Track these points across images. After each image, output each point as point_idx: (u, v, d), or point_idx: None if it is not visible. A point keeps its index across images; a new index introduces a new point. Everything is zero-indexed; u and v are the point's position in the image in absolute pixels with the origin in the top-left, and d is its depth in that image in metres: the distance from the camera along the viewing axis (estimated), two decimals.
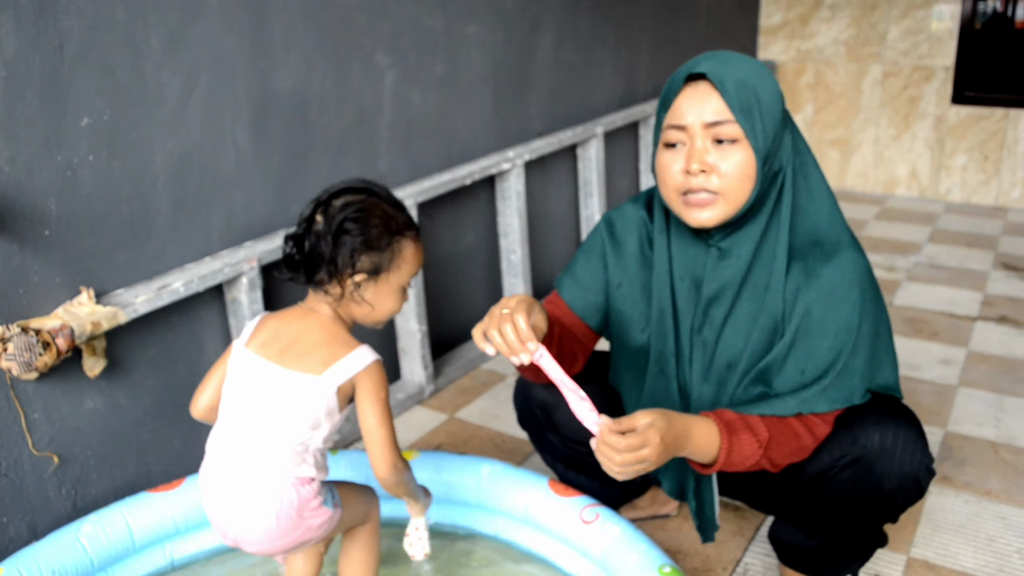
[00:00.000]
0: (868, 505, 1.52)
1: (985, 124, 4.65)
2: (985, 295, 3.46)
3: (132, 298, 1.78)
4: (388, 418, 1.44)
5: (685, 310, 1.60)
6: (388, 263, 1.44)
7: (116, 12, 1.73)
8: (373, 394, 1.42)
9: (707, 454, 1.41)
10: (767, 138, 1.43)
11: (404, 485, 1.49)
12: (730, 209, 1.46)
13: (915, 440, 1.49)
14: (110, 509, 1.70)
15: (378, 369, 1.44)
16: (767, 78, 1.45)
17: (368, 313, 1.47)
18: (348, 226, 1.40)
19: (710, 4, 4.45)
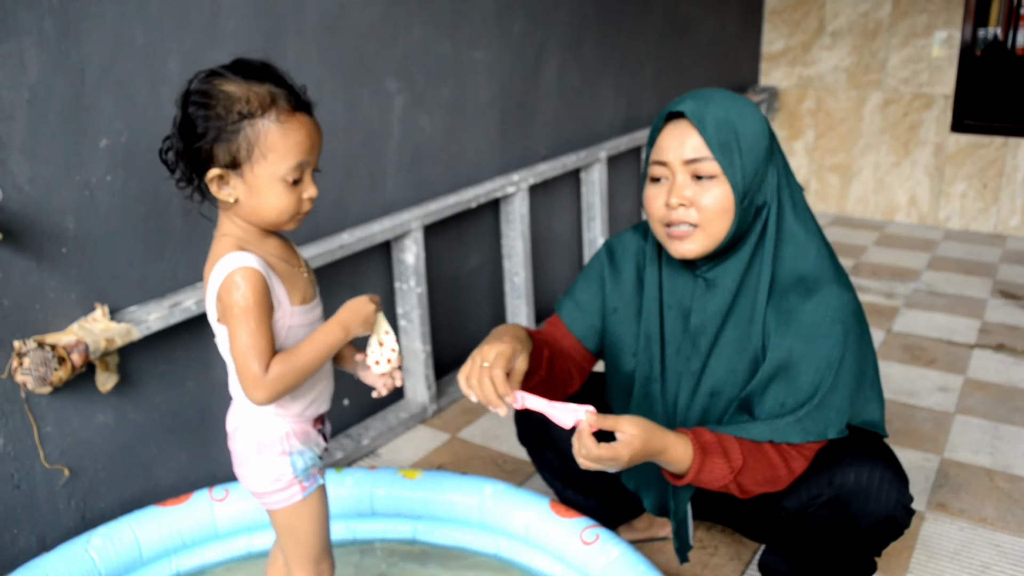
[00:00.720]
0: (846, 542, 1.55)
1: (984, 152, 4.70)
2: (983, 323, 3.49)
3: (145, 315, 1.82)
4: (241, 336, 1.25)
5: (671, 338, 1.65)
6: (246, 152, 1.25)
7: (136, 37, 1.78)
8: (227, 310, 1.27)
9: (678, 468, 1.46)
10: (746, 174, 1.48)
11: (285, 386, 1.30)
12: (710, 242, 1.51)
13: (891, 480, 1.52)
14: (119, 522, 1.73)
15: (231, 279, 1.26)
16: (750, 117, 1.50)
17: (252, 214, 1.30)
18: (192, 113, 1.24)
19: (713, 31, 4.51)
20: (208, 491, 1.82)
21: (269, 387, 1.28)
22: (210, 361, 2.07)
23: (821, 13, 4.98)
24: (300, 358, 1.31)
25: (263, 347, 1.27)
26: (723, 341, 1.58)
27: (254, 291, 1.26)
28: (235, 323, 1.26)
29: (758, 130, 1.50)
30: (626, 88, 3.77)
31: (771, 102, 5.06)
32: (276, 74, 1.29)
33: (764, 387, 1.52)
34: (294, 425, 1.40)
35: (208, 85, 1.25)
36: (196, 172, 1.28)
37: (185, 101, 1.26)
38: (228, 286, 1.26)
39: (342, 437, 2.46)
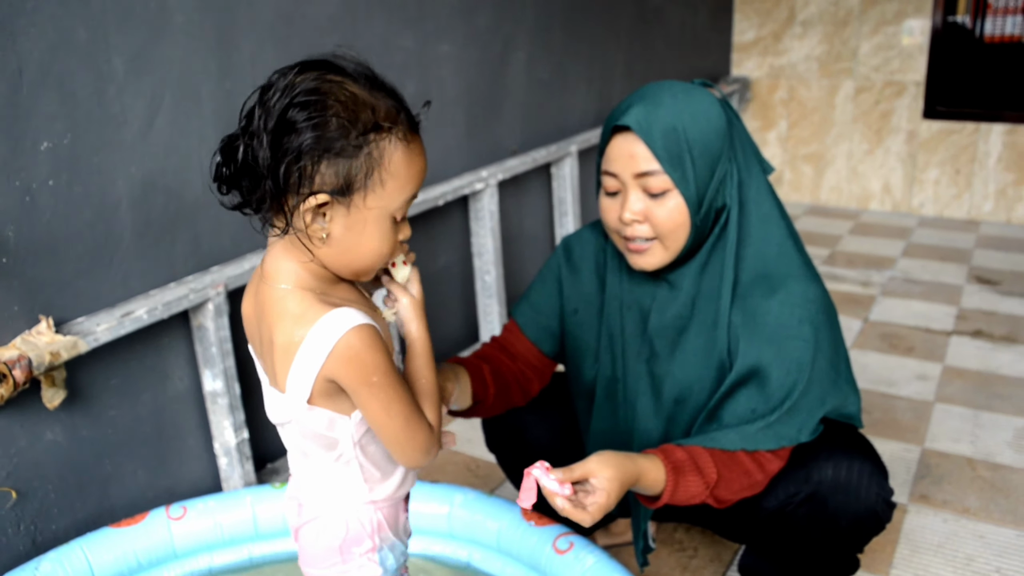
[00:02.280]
0: (827, 540, 1.50)
1: (956, 138, 4.68)
2: (960, 309, 3.46)
3: (93, 326, 1.73)
4: (394, 404, 1.05)
5: (631, 339, 1.59)
6: (363, 176, 0.99)
7: (77, 33, 1.69)
8: (357, 384, 1.02)
9: (652, 491, 1.38)
10: (700, 183, 1.41)
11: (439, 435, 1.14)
12: (668, 255, 1.46)
13: (870, 473, 1.47)
14: (70, 546, 1.64)
15: (350, 345, 1.00)
16: (704, 116, 1.42)
17: (339, 256, 1.03)
18: (293, 116, 0.95)
19: (684, 21, 4.46)
20: (165, 510, 1.74)
21: (438, 437, 1.13)
22: (166, 372, 1.98)
23: (791, 2, 4.94)
24: (431, 388, 1.14)
25: (416, 406, 1.09)
26: (686, 347, 1.52)
27: (383, 350, 1.03)
28: (382, 394, 1.03)
29: (712, 130, 1.42)
30: (597, 80, 3.71)
31: (743, 92, 5.02)
32: (389, 84, 1.05)
33: (733, 393, 1.46)
34: (385, 511, 1.18)
35: (324, 83, 0.98)
36: (282, 195, 0.98)
37: (280, 99, 0.97)
38: (349, 355, 1.00)
39: None
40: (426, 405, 1.12)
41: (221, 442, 2.04)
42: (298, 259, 1.04)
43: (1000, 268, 3.95)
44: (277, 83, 0.98)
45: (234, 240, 2.09)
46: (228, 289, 1.98)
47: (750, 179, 1.49)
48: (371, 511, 1.17)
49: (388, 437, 1.07)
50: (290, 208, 0.99)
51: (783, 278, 1.46)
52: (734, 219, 1.47)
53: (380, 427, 1.07)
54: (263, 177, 0.97)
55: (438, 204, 2.69)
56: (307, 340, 1.01)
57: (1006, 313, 3.41)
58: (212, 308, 1.94)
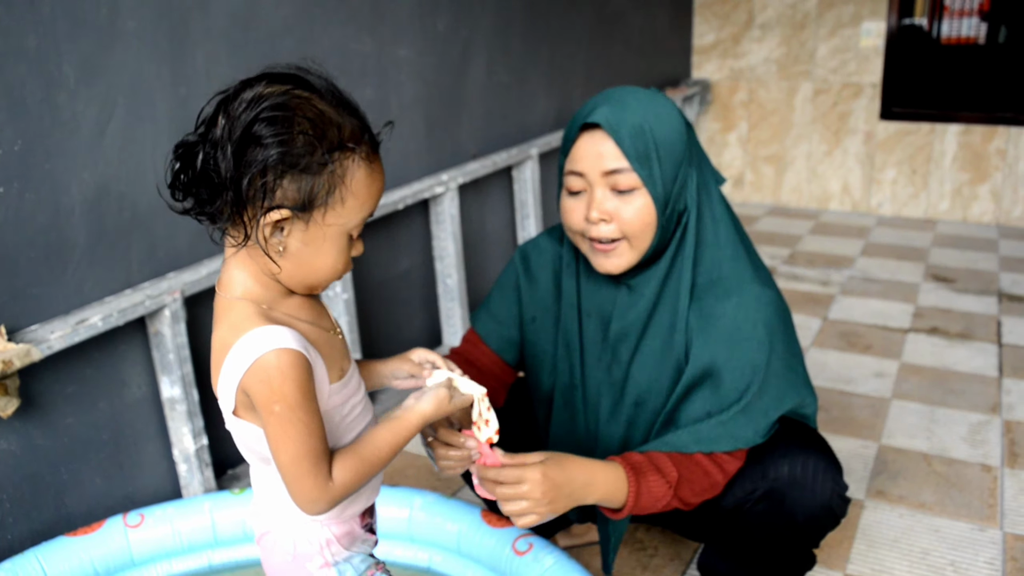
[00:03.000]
0: (784, 535, 1.52)
1: (913, 139, 4.76)
2: (916, 307, 3.52)
3: (47, 334, 1.71)
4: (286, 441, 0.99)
5: (591, 346, 1.59)
6: (324, 194, 0.99)
7: (27, 40, 1.68)
8: (260, 406, 0.99)
9: (616, 499, 1.38)
10: (666, 183, 1.42)
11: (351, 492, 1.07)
12: (635, 255, 1.47)
13: (825, 469, 1.49)
14: (24, 556, 1.62)
15: (265, 365, 0.98)
16: (668, 118, 1.44)
17: (294, 270, 1.03)
18: (259, 131, 0.95)
19: (644, 24, 4.50)
20: (122, 517, 1.73)
21: (334, 496, 1.04)
22: (123, 379, 1.97)
23: (750, 5, 5.00)
24: (369, 460, 1.07)
25: (320, 449, 1.02)
26: (644, 350, 1.53)
27: (297, 381, 0.99)
28: (277, 425, 0.99)
29: (675, 133, 1.44)
30: (557, 83, 3.72)
31: (703, 95, 5.07)
32: (353, 102, 1.05)
33: (688, 395, 1.48)
34: (335, 528, 1.15)
35: (293, 98, 0.97)
36: (242, 207, 0.97)
37: (246, 112, 0.96)
38: (261, 375, 0.98)
39: None
40: (346, 463, 1.05)
41: (180, 449, 2.03)
42: (250, 270, 1.04)
43: (956, 266, 4.02)
44: (243, 94, 0.98)
45: (191, 246, 2.08)
46: (185, 295, 1.96)
47: (704, 185, 1.50)
48: (318, 528, 1.14)
49: (279, 470, 1.03)
50: (249, 220, 0.98)
51: (738, 281, 1.48)
52: (692, 223, 1.48)
53: (273, 457, 1.03)
54: (223, 188, 0.97)
55: (398, 208, 2.69)
56: (233, 350, 1.00)
57: (961, 310, 3.47)
58: (169, 314, 1.93)
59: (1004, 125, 4.55)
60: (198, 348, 2.11)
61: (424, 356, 1.26)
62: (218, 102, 1.00)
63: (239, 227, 1.00)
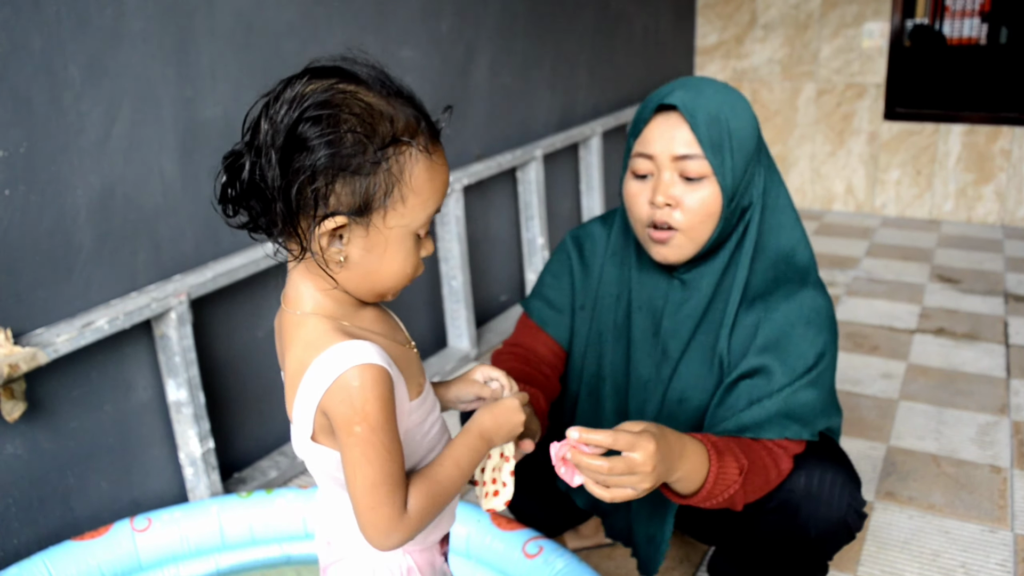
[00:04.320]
0: (796, 547, 1.49)
1: (917, 139, 4.75)
2: (923, 307, 3.51)
3: (53, 337, 1.71)
4: (366, 465, 0.93)
5: (640, 342, 1.56)
6: (382, 195, 0.91)
7: (32, 40, 1.67)
8: (340, 426, 0.93)
9: (695, 478, 1.30)
10: (736, 175, 1.40)
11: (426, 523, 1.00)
12: (692, 247, 1.44)
13: (843, 484, 1.45)
14: (32, 560, 1.61)
15: (349, 382, 0.91)
16: (743, 111, 1.41)
17: (359, 280, 0.96)
18: (304, 133, 0.88)
19: (646, 25, 4.49)
20: (129, 521, 1.72)
21: (410, 528, 0.96)
22: (129, 382, 1.96)
23: (753, 6, 4.99)
24: (444, 484, 1.00)
25: (398, 476, 0.94)
26: (694, 347, 1.51)
27: (382, 400, 0.92)
28: (357, 447, 0.92)
29: (749, 127, 1.42)
30: (560, 85, 3.72)
31: None
32: (407, 89, 0.97)
33: (734, 387, 1.45)
34: (418, 557, 1.08)
35: (337, 94, 0.90)
36: (294, 217, 0.91)
37: (288, 113, 0.89)
38: (342, 394, 0.91)
39: (276, 455, 2.36)
40: (420, 489, 0.98)
41: (186, 452, 2.02)
42: (317, 284, 0.97)
43: (961, 267, 4.01)
44: (284, 94, 0.91)
45: (196, 248, 2.07)
46: (191, 298, 1.95)
47: (772, 184, 1.48)
48: (399, 556, 1.07)
49: (352, 497, 0.96)
50: (304, 231, 0.91)
51: (794, 285, 1.46)
52: (755, 221, 1.46)
53: (347, 483, 0.96)
54: (273, 199, 0.89)
55: None
56: (311, 369, 0.93)
57: (967, 311, 3.46)
58: (175, 317, 1.92)
59: (1008, 125, 4.54)
60: (204, 351, 2.10)
61: (487, 373, 1.20)
62: (263, 105, 0.92)
63: (294, 239, 0.93)
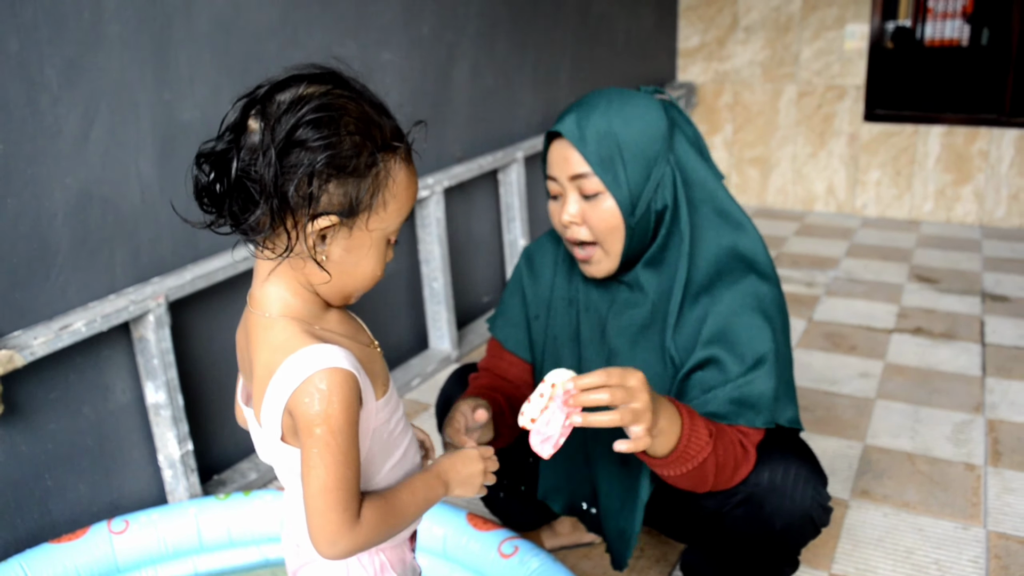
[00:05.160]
0: (762, 542, 1.52)
1: (896, 140, 4.79)
2: (900, 307, 3.54)
3: (30, 340, 1.71)
4: (320, 468, 0.93)
5: (589, 343, 1.60)
6: (369, 197, 0.95)
7: (8, 43, 1.67)
8: (302, 426, 0.94)
9: (669, 436, 1.32)
10: (633, 186, 1.44)
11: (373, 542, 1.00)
12: (611, 260, 1.50)
13: (807, 477, 1.48)
14: (8, 563, 1.61)
15: (314, 384, 0.93)
16: (638, 119, 1.45)
17: (335, 281, 0.98)
18: (304, 134, 0.91)
19: (629, 27, 4.51)
20: (107, 523, 1.72)
21: (357, 541, 0.96)
22: (107, 384, 1.96)
23: (734, 8, 5.02)
24: (398, 509, 1.01)
25: (353, 484, 0.95)
26: (643, 345, 1.54)
27: (345, 403, 0.94)
28: (315, 448, 0.93)
29: (647, 134, 1.45)
30: (542, 87, 3.73)
31: (689, 97, 5.08)
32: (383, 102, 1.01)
33: (689, 378, 1.48)
34: (390, 554, 1.10)
35: (336, 99, 0.93)
36: (285, 216, 0.92)
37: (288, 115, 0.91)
38: (306, 395, 0.93)
39: (255, 457, 2.36)
40: (374, 507, 0.99)
41: (165, 454, 2.02)
42: (289, 284, 0.99)
43: (939, 267, 4.05)
44: (279, 96, 0.93)
45: (174, 251, 2.07)
46: (169, 300, 1.96)
47: (698, 180, 1.50)
48: (372, 553, 1.09)
49: (305, 500, 0.96)
50: (292, 229, 0.93)
51: (737, 274, 1.49)
52: (684, 219, 1.49)
53: (303, 484, 0.96)
54: (268, 196, 0.90)
55: None
56: (280, 371, 0.95)
57: (945, 310, 3.49)
58: (153, 320, 1.92)
59: (987, 126, 4.59)
60: (183, 353, 2.10)
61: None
62: (243, 106, 0.93)
63: (281, 237, 0.94)
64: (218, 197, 0.94)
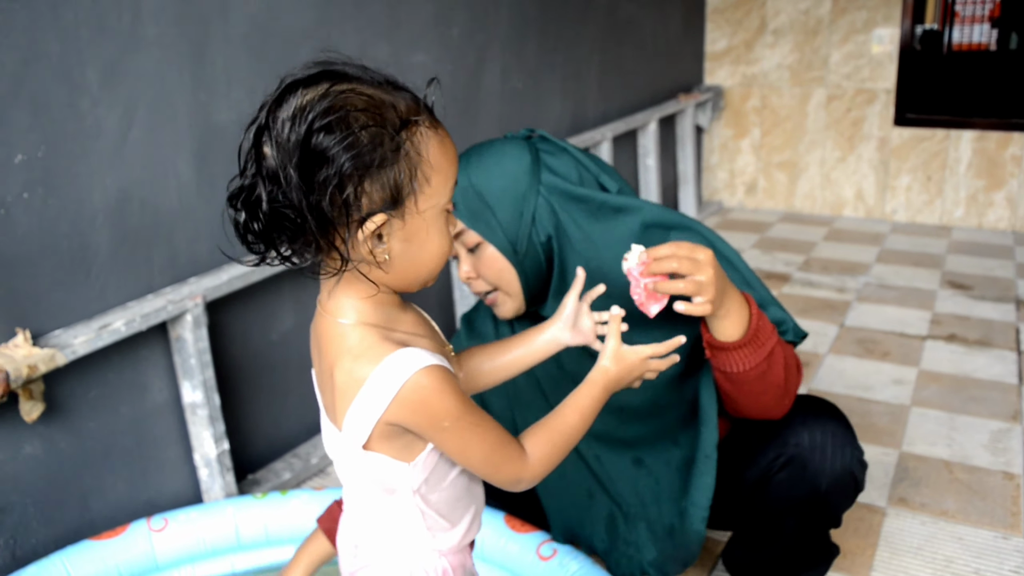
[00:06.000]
0: (808, 505, 1.54)
1: (927, 145, 4.74)
2: (933, 314, 3.50)
3: (71, 339, 1.72)
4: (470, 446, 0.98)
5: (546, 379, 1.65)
6: (408, 180, 0.91)
7: (50, 46, 1.69)
8: (429, 427, 0.95)
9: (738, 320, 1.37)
10: (506, 227, 1.47)
11: (552, 466, 1.06)
12: (514, 300, 1.53)
13: (843, 435, 1.54)
14: (50, 559, 1.62)
15: (417, 389, 0.93)
16: (495, 165, 1.47)
17: (404, 273, 0.96)
18: (318, 144, 0.87)
19: (656, 30, 4.50)
20: (146, 521, 1.73)
21: (535, 470, 1.03)
22: (145, 384, 1.97)
23: (763, 11, 4.99)
24: (565, 432, 1.06)
25: (502, 437, 1.00)
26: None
27: (452, 391, 0.95)
28: (454, 438, 0.96)
29: (507, 175, 1.47)
30: (571, 89, 3.73)
31: (716, 101, 5.06)
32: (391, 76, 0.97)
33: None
34: (452, 559, 1.09)
35: (337, 96, 0.89)
36: (330, 232, 0.89)
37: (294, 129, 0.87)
38: (415, 400, 0.93)
39: (290, 456, 2.37)
40: (537, 437, 1.05)
41: (201, 454, 2.03)
42: (357, 291, 0.96)
43: (972, 273, 4.00)
44: (278, 114, 0.89)
45: (211, 252, 2.08)
46: (206, 300, 1.97)
47: (578, 196, 1.50)
48: (435, 558, 1.09)
49: (471, 470, 1.02)
50: (343, 241, 0.90)
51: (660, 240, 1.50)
52: (576, 237, 1.50)
53: (460, 463, 1.01)
54: (304, 219, 0.87)
55: None
56: (369, 382, 0.93)
57: (979, 317, 3.45)
58: (191, 319, 1.93)
59: (1019, 131, 4.54)
60: (218, 353, 2.11)
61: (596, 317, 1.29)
62: (254, 134, 0.90)
63: (333, 253, 0.91)
64: (261, 234, 0.91)
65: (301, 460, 2.34)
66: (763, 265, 4.17)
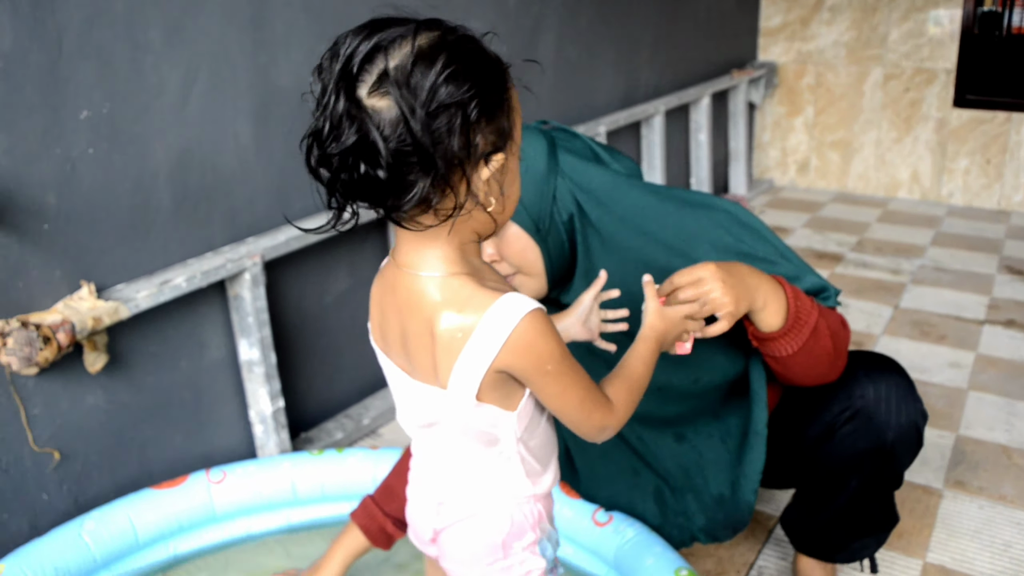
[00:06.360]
0: (873, 458, 1.54)
1: (987, 127, 4.63)
2: (991, 299, 3.43)
3: (133, 293, 1.74)
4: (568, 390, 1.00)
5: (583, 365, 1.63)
6: (507, 120, 0.95)
7: (114, 5, 1.70)
8: (531, 373, 0.97)
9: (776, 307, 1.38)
10: (528, 205, 1.45)
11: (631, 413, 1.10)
12: (537, 280, 1.50)
13: (906, 388, 1.55)
14: (112, 506, 1.66)
15: (526, 333, 0.94)
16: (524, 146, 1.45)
17: (504, 213, 1.01)
18: (447, 91, 0.87)
19: (710, 6, 4.43)
20: (205, 473, 1.76)
21: (619, 417, 1.07)
22: (203, 341, 1.99)
23: None
24: (634, 379, 1.11)
25: (592, 384, 1.04)
26: None
27: (554, 333, 0.98)
28: (555, 381, 0.99)
29: (524, 160, 1.44)
30: (624, 62, 3.69)
31: (770, 78, 4.98)
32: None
33: None
34: (544, 502, 1.14)
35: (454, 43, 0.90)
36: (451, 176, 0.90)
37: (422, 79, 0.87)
38: (523, 344, 0.94)
39: (342, 417, 2.39)
40: (616, 385, 1.09)
41: (256, 410, 2.05)
42: (445, 243, 0.96)
43: None
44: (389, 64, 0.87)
45: (269, 212, 2.09)
46: (264, 259, 1.98)
47: (595, 181, 1.50)
48: (532, 503, 1.11)
49: (562, 417, 1.04)
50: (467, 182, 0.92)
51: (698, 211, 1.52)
52: (599, 217, 1.50)
53: (554, 409, 1.03)
54: (431, 164, 0.87)
55: None
56: (478, 330, 0.94)
57: None
58: (249, 278, 1.95)
59: None
60: (274, 312, 2.13)
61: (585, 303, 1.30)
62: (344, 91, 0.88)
63: (448, 197, 0.91)
64: (376, 188, 0.89)
65: (353, 421, 2.36)
66: (815, 245, 4.11)
